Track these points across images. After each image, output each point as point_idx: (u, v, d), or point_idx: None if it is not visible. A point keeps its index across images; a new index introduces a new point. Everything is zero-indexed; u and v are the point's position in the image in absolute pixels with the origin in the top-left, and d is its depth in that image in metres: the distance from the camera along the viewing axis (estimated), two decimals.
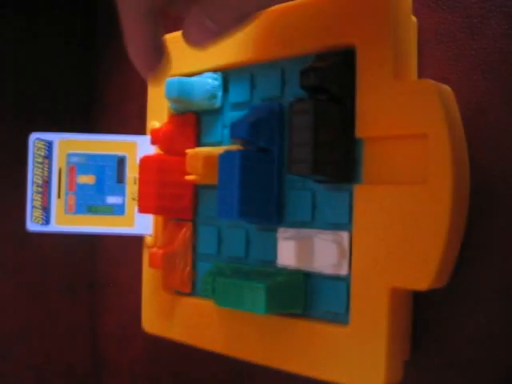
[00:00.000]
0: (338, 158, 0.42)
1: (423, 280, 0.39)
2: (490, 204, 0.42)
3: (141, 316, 0.59)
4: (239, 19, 0.37)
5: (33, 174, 0.57)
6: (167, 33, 0.44)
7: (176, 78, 0.51)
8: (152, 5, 0.39)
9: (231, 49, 0.50)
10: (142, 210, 0.51)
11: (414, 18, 0.45)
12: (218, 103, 0.53)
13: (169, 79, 0.51)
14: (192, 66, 0.54)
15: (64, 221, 0.57)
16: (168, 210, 0.53)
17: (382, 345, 0.41)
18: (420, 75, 0.45)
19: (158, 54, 0.41)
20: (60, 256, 0.73)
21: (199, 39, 0.38)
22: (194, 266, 0.55)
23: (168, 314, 0.56)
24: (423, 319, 0.44)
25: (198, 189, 0.54)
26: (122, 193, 0.57)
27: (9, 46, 0.71)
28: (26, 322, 0.70)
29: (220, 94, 0.52)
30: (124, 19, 0.39)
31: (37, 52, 0.73)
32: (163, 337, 0.57)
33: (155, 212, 0.52)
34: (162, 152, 0.54)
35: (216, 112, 0.53)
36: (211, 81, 0.52)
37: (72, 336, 0.75)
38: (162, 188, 0.51)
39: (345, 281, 0.43)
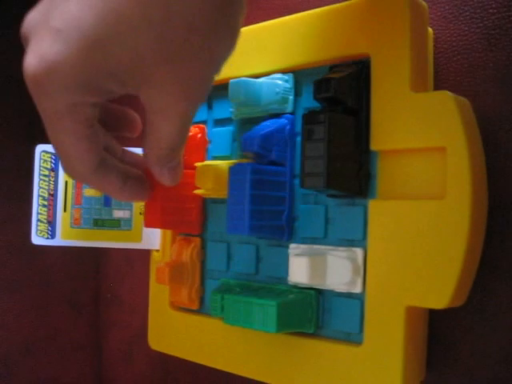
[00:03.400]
0: (352, 172, 0.41)
1: (441, 298, 0.37)
2: (508, 220, 0.41)
3: (146, 332, 0.58)
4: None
5: (38, 187, 0.56)
6: None
7: (241, 78, 0.47)
8: (97, 162, 0.39)
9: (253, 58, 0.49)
10: (148, 224, 0.50)
11: (430, 30, 0.44)
12: (289, 108, 0.47)
13: (233, 80, 0.47)
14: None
15: (70, 235, 0.56)
16: (175, 224, 0.51)
17: (398, 365, 0.39)
18: (436, 87, 0.44)
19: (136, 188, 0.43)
20: (64, 270, 0.72)
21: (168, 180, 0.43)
22: (202, 283, 0.53)
23: (175, 332, 0.55)
24: (439, 338, 0.43)
25: (206, 203, 0.53)
26: (129, 207, 0.56)
27: (15, 55, 0.70)
28: (29, 338, 0.69)
29: (292, 97, 0.47)
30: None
31: None
32: (169, 354, 0.55)
33: (162, 226, 0.50)
34: None
35: (225, 124, 0.52)
36: (282, 82, 0.47)
37: (76, 352, 0.74)
38: (169, 202, 0.49)
39: (359, 299, 0.42)
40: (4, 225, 0.67)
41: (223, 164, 0.48)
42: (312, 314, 0.44)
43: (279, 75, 0.47)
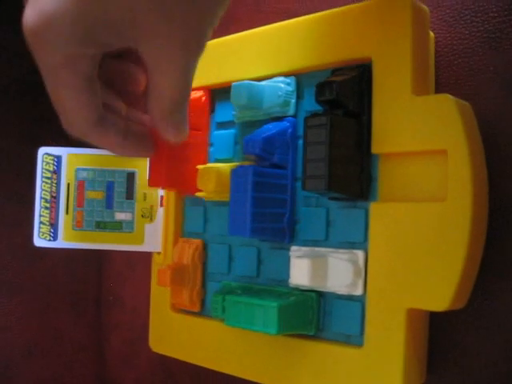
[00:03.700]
0: (353, 175, 0.41)
1: (441, 301, 0.37)
2: (509, 222, 0.41)
3: (148, 334, 0.58)
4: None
5: (41, 190, 0.56)
6: None
7: (244, 82, 0.47)
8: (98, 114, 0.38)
9: (256, 61, 0.50)
10: (153, 183, 0.49)
11: (431, 33, 0.44)
12: (291, 111, 0.48)
13: (235, 84, 0.47)
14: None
15: (72, 237, 0.56)
16: (179, 184, 0.51)
17: (399, 368, 0.39)
18: (437, 90, 0.44)
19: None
20: (66, 272, 0.72)
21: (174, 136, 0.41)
22: (203, 285, 0.53)
23: (176, 334, 0.55)
24: (440, 340, 0.43)
25: (208, 206, 0.53)
26: (131, 209, 0.56)
27: (17, 57, 0.70)
28: (31, 340, 0.69)
29: (294, 100, 0.48)
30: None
31: None
32: (170, 356, 0.56)
33: (166, 185, 0.50)
34: None
35: (227, 127, 0.52)
36: (284, 86, 0.47)
37: (78, 353, 0.74)
38: (173, 161, 0.48)
39: (360, 301, 0.42)
40: (6, 227, 0.67)
41: (225, 166, 0.48)
42: (313, 316, 0.45)
43: (281, 78, 0.47)
